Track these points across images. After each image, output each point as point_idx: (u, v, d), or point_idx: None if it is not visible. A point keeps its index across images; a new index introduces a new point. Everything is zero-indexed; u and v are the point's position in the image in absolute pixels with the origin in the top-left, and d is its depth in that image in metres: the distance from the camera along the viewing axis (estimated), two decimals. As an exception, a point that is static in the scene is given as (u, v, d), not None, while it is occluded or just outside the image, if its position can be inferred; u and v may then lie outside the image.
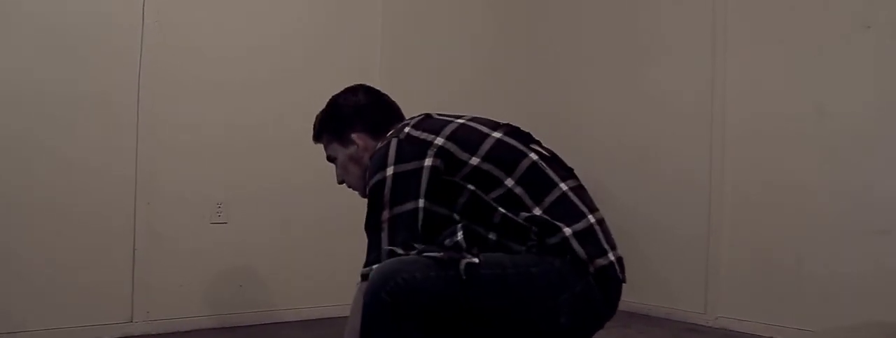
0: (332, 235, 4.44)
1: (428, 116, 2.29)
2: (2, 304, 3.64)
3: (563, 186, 2.15)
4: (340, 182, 2.53)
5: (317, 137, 2.55)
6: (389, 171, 2.10)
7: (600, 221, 2.16)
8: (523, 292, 2.02)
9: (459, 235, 2.06)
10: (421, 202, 2.09)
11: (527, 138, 2.26)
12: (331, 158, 2.53)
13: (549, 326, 2.06)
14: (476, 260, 1.97)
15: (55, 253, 3.77)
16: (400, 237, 2.06)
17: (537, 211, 2.08)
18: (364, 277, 2.03)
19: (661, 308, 4.77)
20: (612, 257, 2.10)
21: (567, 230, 2.05)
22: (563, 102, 5.40)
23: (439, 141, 2.13)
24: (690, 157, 4.67)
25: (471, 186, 2.11)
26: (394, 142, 2.15)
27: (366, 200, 2.18)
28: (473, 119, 2.27)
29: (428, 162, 2.10)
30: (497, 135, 2.19)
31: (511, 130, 2.25)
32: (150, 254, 4.02)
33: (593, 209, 2.17)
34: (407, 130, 2.19)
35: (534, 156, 2.17)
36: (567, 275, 2.04)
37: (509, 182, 2.11)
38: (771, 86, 4.32)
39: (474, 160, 2.12)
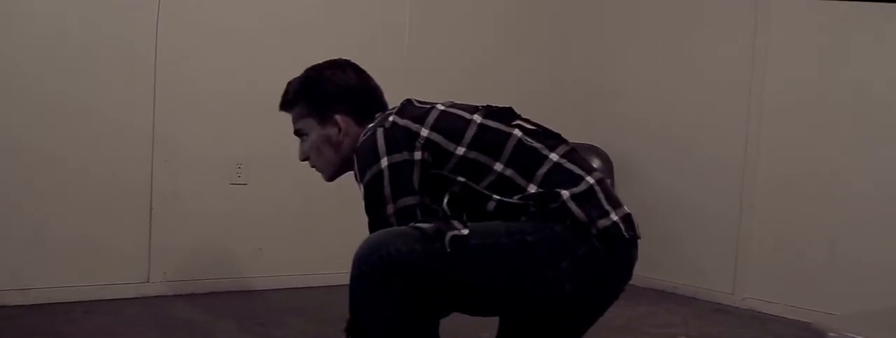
0: (354, 199, 4.35)
1: (409, 102, 2.24)
2: (16, 260, 3.64)
3: (554, 156, 2.09)
4: (303, 159, 2.46)
5: (287, 107, 2.44)
6: (383, 162, 2.06)
7: (600, 181, 2.09)
8: (518, 261, 1.98)
9: (443, 203, 2.03)
10: (417, 198, 2.05)
11: (508, 116, 2.19)
12: (299, 133, 2.43)
13: (552, 295, 2.01)
14: (463, 232, 1.93)
15: (71, 210, 3.75)
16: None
17: (532, 188, 2.03)
18: None
19: (688, 287, 4.70)
20: (614, 216, 2.04)
21: (565, 193, 2.00)
22: (597, 75, 5.28)
23: (425, 132, 2.08)
24: (726, 136, 4.56)
25: (461, 178, 2.06)
26: (380, 132, 2.10)
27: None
28: (452, 105, 2.21)
29: (417, 155, 2.06)
30: (478, 119, 2.13)
31: (490, 112, 2.18)
32: (168, 213, 3.98)
33: (591, 170, 2.11)
34: (391, 118, 2.13)
35: (517, 133, 2.12)
36: (568, 240, 1.98)
37: (498, 167, 2.06)
38: (812, 66, 4.20)
39: (460, 150, 2.07)
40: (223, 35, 4.10)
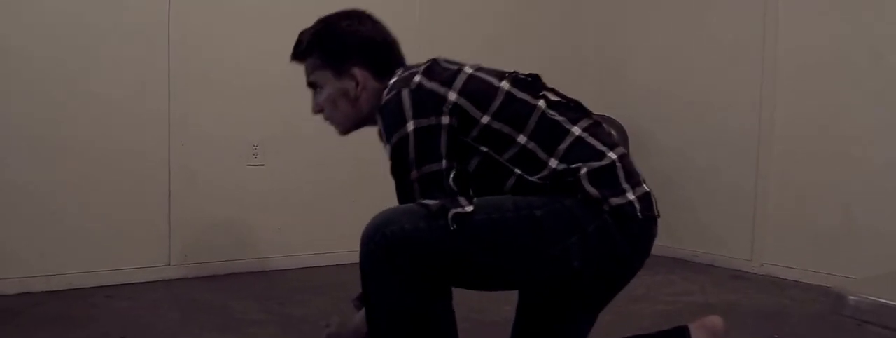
0: (371, 177, 4.36)
1: (435, 62, 2.15)
2: (38, 246, 3.67)
3: (576, 130, 2.04)
4: (317, 112, 2.36)
5: (300, 57, 2.34)
6: (410, 126, 1.99)
7: (622, 157, 2.04)
8: (525, 236, 1.95)
9: (449, 179, 1.99)
10: (444, 163, 2.00)
11: (534, 85, 2.13)
12: (313, 85, 2.33)
13: (560, 271, 1.98)
14: (467, 209, 1.91)
15: (90, 195, 3.78)
16: (434, 195, 1.99)
17: (553, 162, 1.99)
18: None
19: (706, 255, 4.71)
20: (631, 195, 1.99)
21: (583, 169, 1.96)
22: (610, 45, 5.29)
23: (452, 96, 2.02)
24: (740, 101, 4.55)
25: (484, 148, 2.02)
26: (406, 93, 2.02)
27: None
28: (480, 68, 2.14)
29: (445, 120, 2.00)
30: (506, 86, 2.07)
31: (517, 80, 2.12)
32: (187, 196, 4.00)
33: (613, 146, 2.06)
34: (417, 78, 2.05)
35: (542, 104, 2.06)
36: (578, 215, 1.95)
37: (522, 139, 2.01)
38: (826, 31, 4.17)
39: (485, 119, 2.02)
40: (236, 15, 4.10)
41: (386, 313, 2.00)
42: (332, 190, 4.39)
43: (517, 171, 2.00)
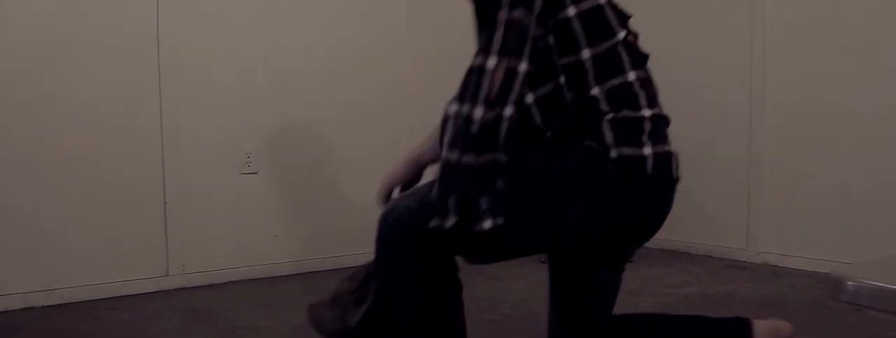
0: (365, 179, 4.38)
1: None
2: (37, 262, 3.66)
3: (631, 75, 1.95)
4: None
5: None
6: None
7: (655, 117, 1.96)
8: (521, 190, 1.87)
9: (486, 203, 1.82)
10: (532, 19, 1.85)
11: (624, 19, 2.03)
12: None
13: (557, 223, 1.91)
14: (446, 224, 1.80)
15: (87, 209, 3.78)
16: (511, 43, 1.83)
17: (595, 91, 1.90)
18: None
19: (702, 245, 4.72)
20: (647, 150, 1.90)
21: (610, 114, 1.89)
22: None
23: None
24: (730, 78, 4.53)
25: (550, 40, 1.91)
26: None
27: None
28: None
29: None
30: (602, 0, 1.95)
31: (612, 4, 2.00)
32: (182, 207, 4.01)
33: (653, 104, 1.98)
34: None
35: (621, 36, 1.95)
36: (580, 164, 1.89)
37: (585, 54, 1.90)
38: (820, 4, 4.15)
39: (571, 11, 1.89)
40: (225, 26, 4.11)
41: (398, 297, 1.98)
42: (326, 194, 4.40)
43: (562, 78, 1.92)
